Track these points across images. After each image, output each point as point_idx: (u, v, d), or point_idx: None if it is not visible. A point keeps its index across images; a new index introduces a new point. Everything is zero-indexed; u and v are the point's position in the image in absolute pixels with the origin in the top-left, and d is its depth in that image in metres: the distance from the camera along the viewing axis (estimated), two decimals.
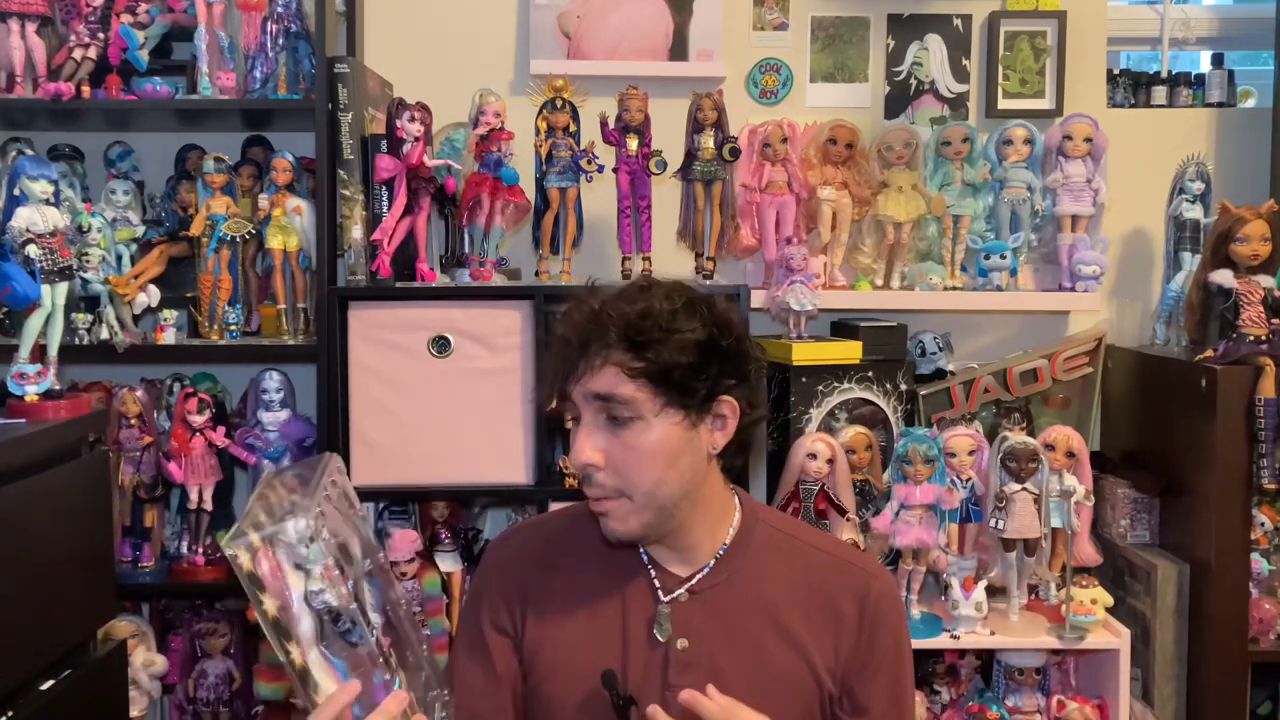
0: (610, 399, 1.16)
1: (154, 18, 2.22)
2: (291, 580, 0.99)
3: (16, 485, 1.50)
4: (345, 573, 1.04)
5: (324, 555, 1.02)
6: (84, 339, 2.08)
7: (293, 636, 0.96)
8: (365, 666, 1.04)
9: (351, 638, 1.02)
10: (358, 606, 1.04)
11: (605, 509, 1.19)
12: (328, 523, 1.05)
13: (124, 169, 2.37)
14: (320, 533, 1.02)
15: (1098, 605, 2.02)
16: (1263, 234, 2.04)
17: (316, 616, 1.00)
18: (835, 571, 1.27)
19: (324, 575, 1.01)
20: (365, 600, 1.08)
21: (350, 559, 1.09)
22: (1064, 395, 2.42)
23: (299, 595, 0.99)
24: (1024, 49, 2.50)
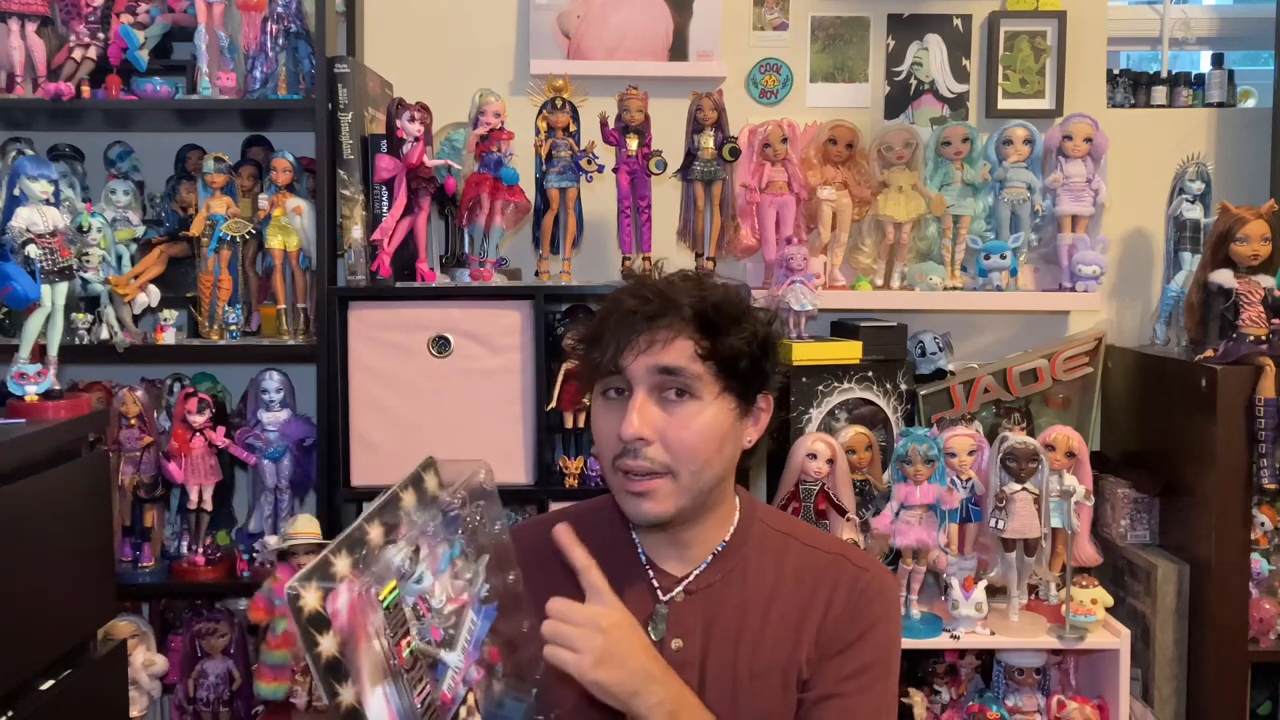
0: (676, 373, 1.17)
1: (154, 18, 2.22)
2: (372, 616, 0.88)
3: (16, 485, 1.50)
4: (431, 609, 0.95)
5: (421, 589, 0.94)
6: (84, 339, 2.08)
7: (348, 677, 0.85)
8: (432, 709, 0.93)
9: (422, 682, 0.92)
10: (439, 644, 0.95)
11: (647, 488, 1.18)
12: (431, 546, 0.97)
13: (124, 169, 2.38)
14: (416, 564, 0.94)
15: (1098, 605, 2.02)
16: (1263, 234, 2.04)
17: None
18: (829, 566, 1.27)
19: (415, 611, 0.93)
20: (462, 634, 0.98)
21: (457, 584, 1.00)
22: (1064, 395, 2.42)
23: (376, 629, 0.88)
24: (1024, 49, 2.50)
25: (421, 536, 0.97)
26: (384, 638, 0.87)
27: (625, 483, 1.19)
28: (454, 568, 1.00)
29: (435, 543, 0.99)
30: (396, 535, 0.94)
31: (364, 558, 0.89)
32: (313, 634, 0.83)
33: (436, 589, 0.96)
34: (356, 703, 0.84)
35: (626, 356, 1.18)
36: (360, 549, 0.90)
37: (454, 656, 0.96)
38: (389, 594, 0.89)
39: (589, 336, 1.24)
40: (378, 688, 0.87)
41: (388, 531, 0.94)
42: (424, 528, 0.98)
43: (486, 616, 1.02)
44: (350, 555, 0.89)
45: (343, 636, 0.84)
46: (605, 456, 1.21)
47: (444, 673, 0.95)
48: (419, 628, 0.92)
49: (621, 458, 1.18)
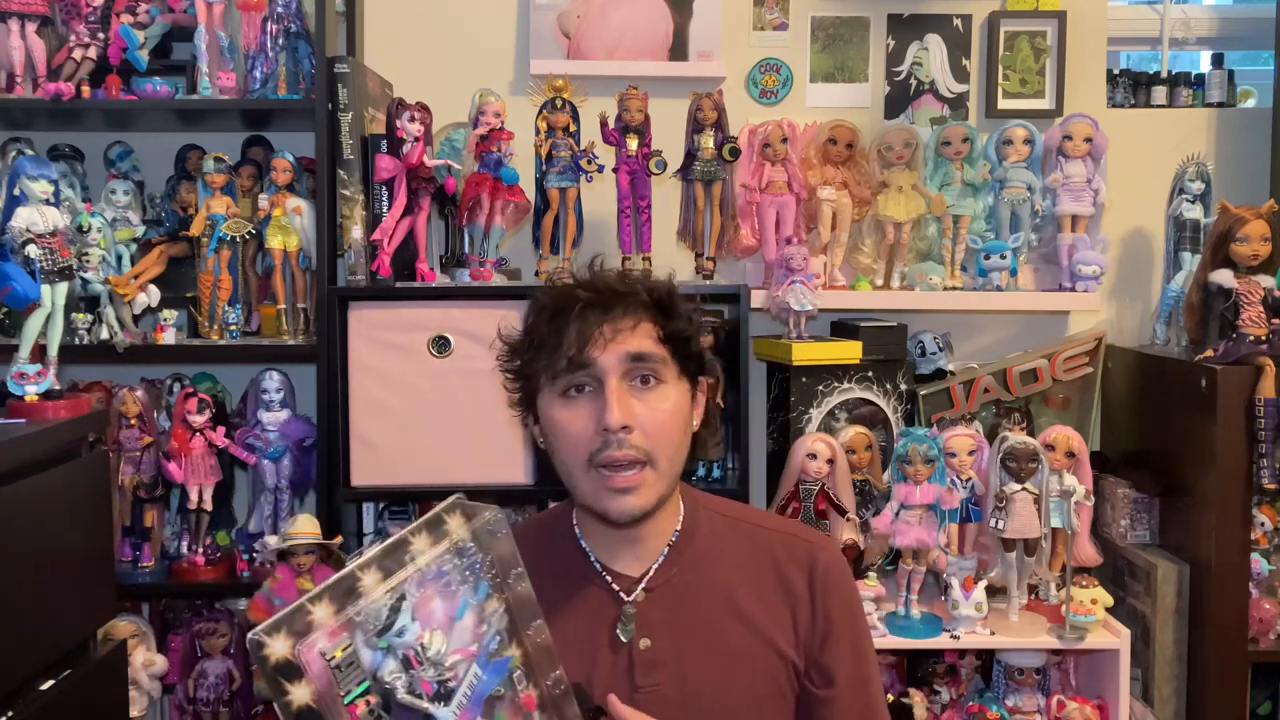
0: (646, 358, 1.18)
1: (154, 18, 2.22)
2: (363, 657, 0.88)
3: (16, 485, 1.50)
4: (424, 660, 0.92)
5: (404, 643, 0.91)
6: (84, 339, 2.08)
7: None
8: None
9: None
10: (435, 701, 0.92)
11: (634, 481, 1.17)
12: (420, 600, 0.93)
13: (124, 169, 2.38)
14: (397, 615, 0.92)
15: (1098, 605, 2.02)
16: (1263, 234, 2.04)
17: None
18: (782, 547, 1.28)
19: (401, 663, 0.91)
20: (462, 688, 0.94)
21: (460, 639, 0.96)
22: (1064, 395, 2.42)
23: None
24: (1024, 49, 2.50)
25: (429, 582, 0.94)
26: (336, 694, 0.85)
27: (606, 480, 1.17)
28: (477, 614, 0.97)
29: (450, 588, 0.96)
30: (396, 581, 0.92)
31: (348, 605, 0.88)
32: (281, 683, 0.83)
33: (436, 639, 0.93)
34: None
35: (593, 349, 1.17)
36: (347, 596, 0.88)
37: (446, 712, 0.92)
38: (343, 650, 0.87)
39: (534, 337, 1.22)
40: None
41: (386, 576, 0.92)
42: (433, 572, 0.95)
43: (495, 671, 0.97)
44: (333, 603, 0.88)
45: (319, 685, 0.84)
46: (578, 457, 1.19)
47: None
48: (406, 680, 0.91)
49: (602, 452, 1.17)
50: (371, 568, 0.91)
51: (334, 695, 0.85)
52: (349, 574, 0.90)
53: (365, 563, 0.92)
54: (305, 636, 0.85)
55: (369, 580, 0.91)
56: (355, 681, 0.88)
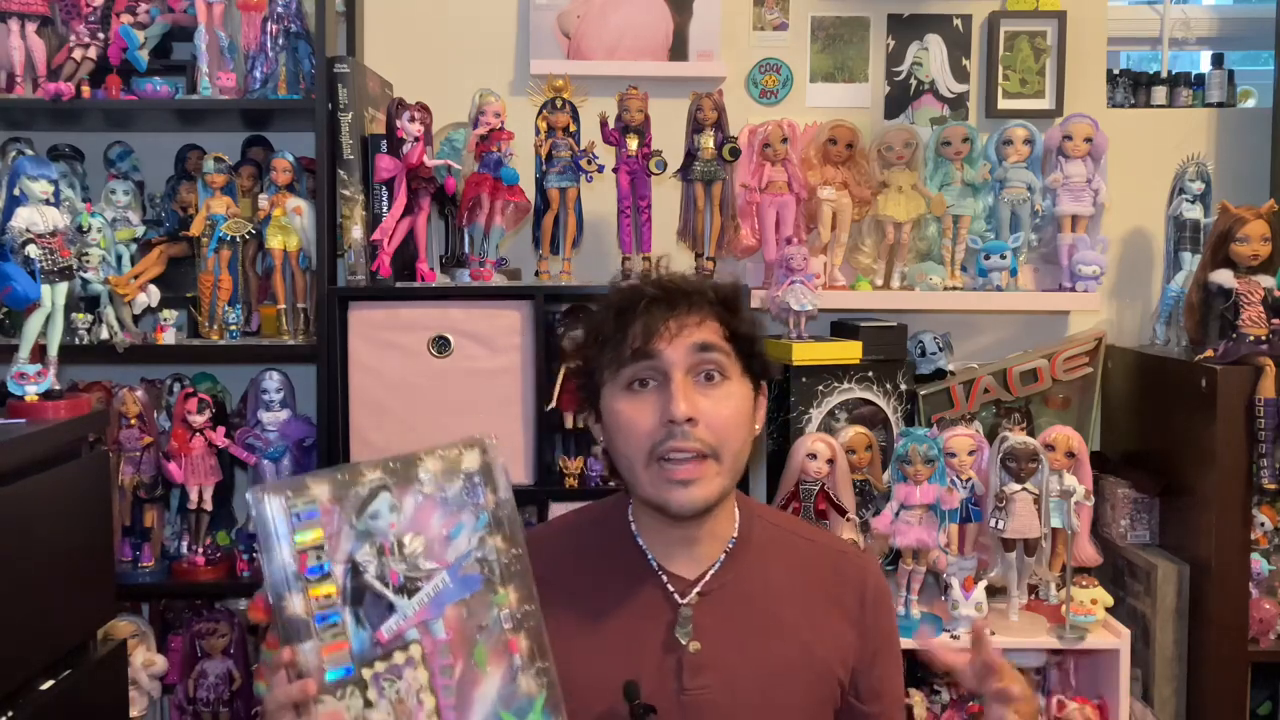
0: (711, 348, 1.19)
1: (154, 18, 2.22)
2: (343, 539, 0.99)
3: (16, 485, 1.50)
4: (401, 555, 1.02)
5: (384, 531, 1.01)
6: (84, 339, 2.08)
7: (294, 589, 0.96)
8: (382, 650, 1.01)
9: (375, 619, 1.00)
10: (398, 593, 1.02)
11: (696, 474, 1.17)
12: (404, 505, 1.04)
13: (124, 169, 2.38)
14: (376, 499, 1.02)
15: (1098, 605, 2.02)
16: (1263, 234, 2.04)
17: (351, 578, 0.99)
18: (833, 563, 1.31)
19: (375, 550, 1.01)
20: (427, 588, 1.04)
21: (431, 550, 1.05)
22: (1064, 395, 2.42)
23: (344, 553, 0.99)
24: (1024, 49, 2.50)
25: (431, 497, 1.05)
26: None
27: (668, 472, 1.18)
28: (470, 539, 1.07)
29: (450, 510, 1.06)
30: (396, 490, 1.04)
31: (345, 494, 1.00)
32: (267, 538, 0.97)
33: (417, 542, 1.04)
34: (295, 612, 0.96)
35: (659, 341, 1.18)
36: (346, 487, 1.01)
37: (406, 604, 1.02)
38: (314, 538, 0.99)
39: (600, 333, 1.23)
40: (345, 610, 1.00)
41: (392, 479, 1.04)
42: (435, 487, 1.06)
43: (464, 584, 1.06)
44: (332, 488, 1.00)
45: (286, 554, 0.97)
46: (640, 450, 1.19)
47: (390, 615, 1.01)
48: (378, 566, 1.01)
49: (665, 443, 1.17)
50: (377, 469, 1.03)
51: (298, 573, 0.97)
52: (354, 465, 1.03)
53: (372, 463, 1.03)
54: (303, 504, 0.99)
55: (371, 476, 1.03)
56: (321, 575, 0.99)
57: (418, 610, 1.03)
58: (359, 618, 0.99)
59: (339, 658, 0.98)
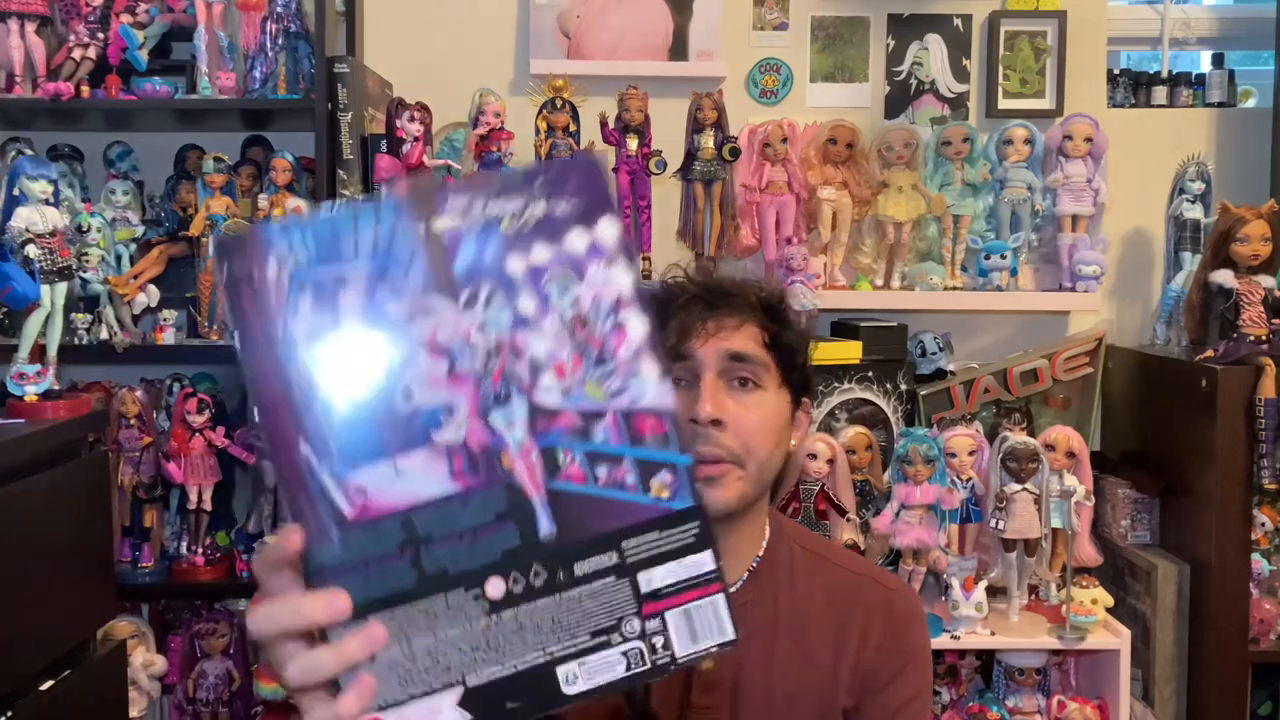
0: (746, 359, 1.16)
1: (153, 17, 2.22)
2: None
3: (16, 485, 1.50)
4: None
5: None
6: (83, 339, 2.08)
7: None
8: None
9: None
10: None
11: (719, 471, 1.14)
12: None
13: (123, 169, 2.37)
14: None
15: (1098, 605, 2.02)
16: (1263, 234, 2.04)
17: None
18: (862, 590, 1.24)
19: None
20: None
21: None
22: (1064, 395, 2.42)
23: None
24: (1024, 49, 2.50)
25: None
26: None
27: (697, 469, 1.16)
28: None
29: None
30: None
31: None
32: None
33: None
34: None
35: (694, 341, 1.15)
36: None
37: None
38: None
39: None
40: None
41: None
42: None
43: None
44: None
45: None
46: None
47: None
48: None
49: (690, 445, 1.15)
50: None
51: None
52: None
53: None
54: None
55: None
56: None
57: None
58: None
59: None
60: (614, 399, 0.71)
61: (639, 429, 0.70)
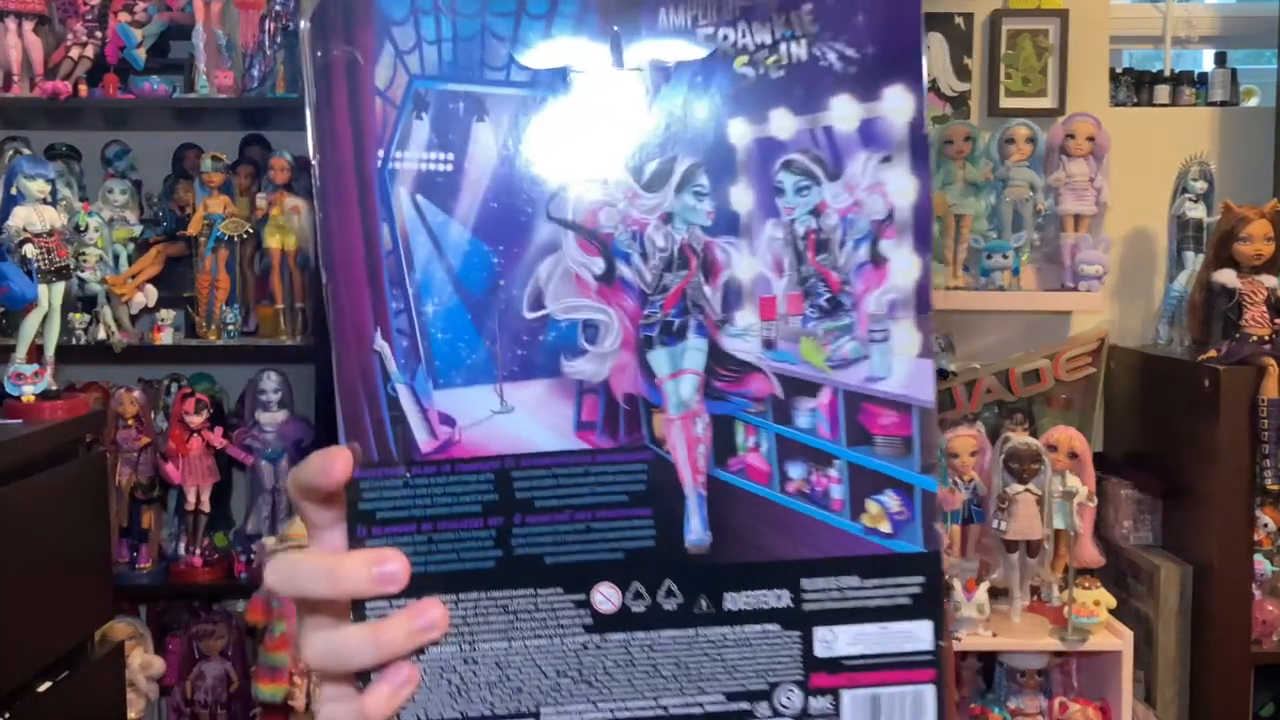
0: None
1: (151, 16, 2.21)
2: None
3: (13, 486, 1.49)
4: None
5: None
6: (81, 339, 2.07)
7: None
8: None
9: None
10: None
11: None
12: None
13: (121, 168, 2.36)
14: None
15: (1100, 607, 2.01)
16: (1266, 233, 2.03)
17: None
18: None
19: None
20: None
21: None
22: (1066, 396, 2.41)
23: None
24: (1026, 47, 2.49)
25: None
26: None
27: None
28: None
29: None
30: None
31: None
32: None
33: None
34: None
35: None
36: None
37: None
38: None
39: None
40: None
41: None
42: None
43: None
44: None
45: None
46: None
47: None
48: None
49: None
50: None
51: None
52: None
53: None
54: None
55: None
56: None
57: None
58: None
59: None
60: (840, 370, 0.48)
61: (868, 422, 0.48)
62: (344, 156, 0.47)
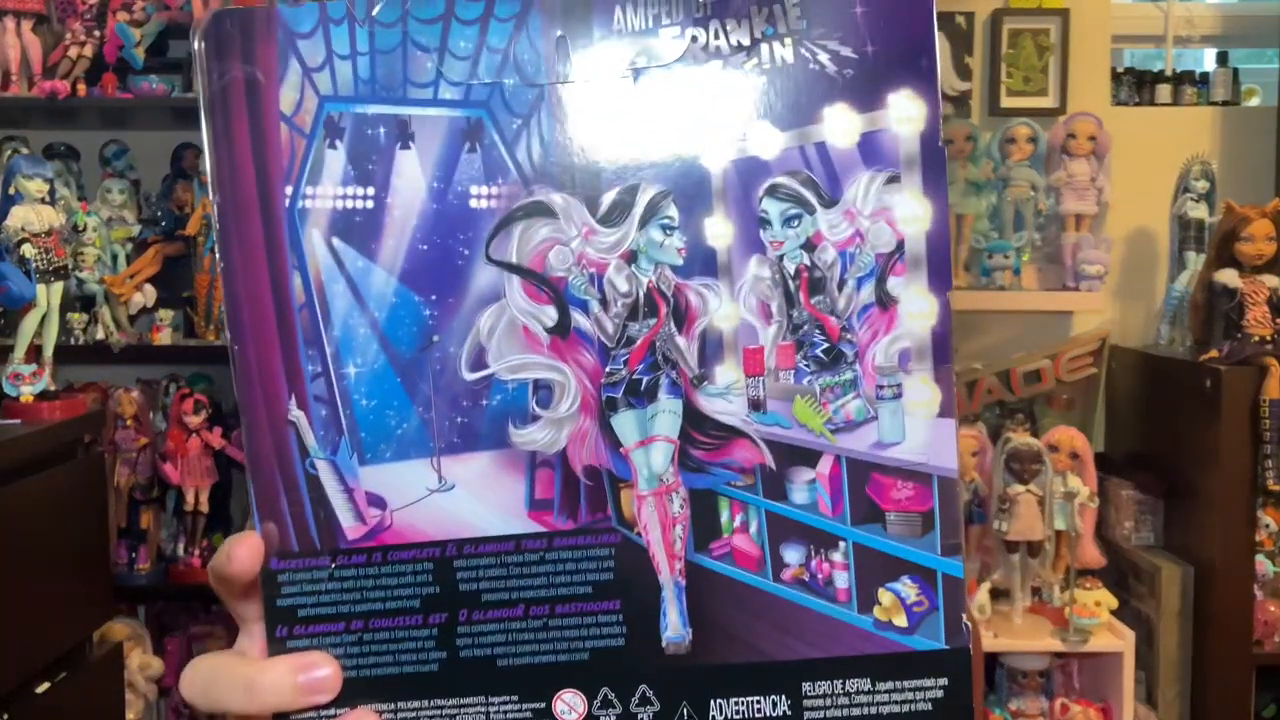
0: None
1: (150, 15, 2.20)
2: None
3: (12, 486, 1.49)
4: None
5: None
6: (79, 339, 2.07)
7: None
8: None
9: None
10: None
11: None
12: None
13: (120, 168, 2.36)
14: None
15: (1101, 607, 2.01)
16: (1268, 233, 2.03)
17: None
18: None
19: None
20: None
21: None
22: (1068, 396, 2.41)
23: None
24: (1027, 47, 2.49)
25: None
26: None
27: None
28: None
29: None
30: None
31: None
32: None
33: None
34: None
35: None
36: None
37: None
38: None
39: None
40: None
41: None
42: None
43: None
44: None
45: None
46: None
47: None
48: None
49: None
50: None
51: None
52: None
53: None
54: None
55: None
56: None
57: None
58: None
59: None
60: (843, 434, 0.40)
61: (878, 495, 0.40)
62: (246, 195, 0.41)
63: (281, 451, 0.41)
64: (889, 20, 0.38)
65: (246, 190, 0.40)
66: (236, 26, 0.39)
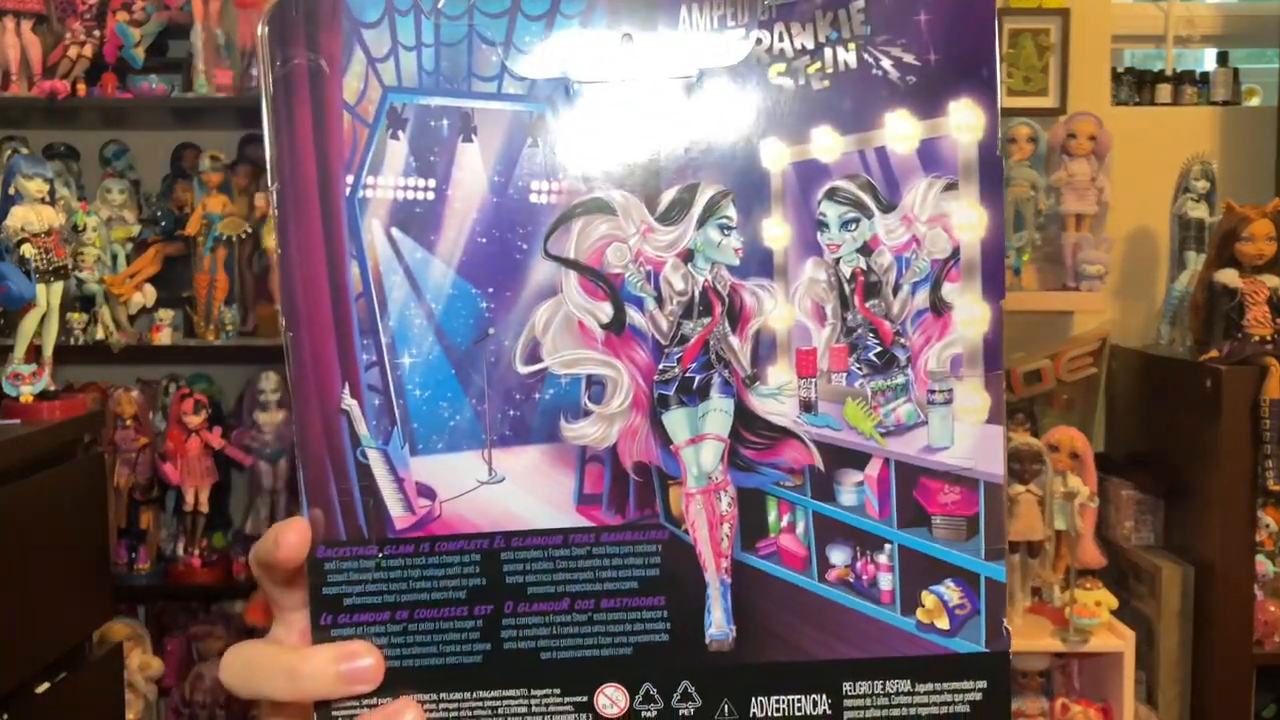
0: None
1: (150, 15, 2.20)
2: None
3: (11, 486, 1.49)
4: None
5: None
6: (79, 339, 2.07)
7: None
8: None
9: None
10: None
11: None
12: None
13: (119, 168, 2.36)
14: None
15: (1102, 607, 2.01)
16: (1268, 233, 2.03)
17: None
18: None
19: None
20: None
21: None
22: (1068, 396, 2.40)
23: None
24: (1027, 46, 2.49)
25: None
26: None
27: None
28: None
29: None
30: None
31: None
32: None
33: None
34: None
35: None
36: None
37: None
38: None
39: None
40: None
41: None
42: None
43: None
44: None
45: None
46: None
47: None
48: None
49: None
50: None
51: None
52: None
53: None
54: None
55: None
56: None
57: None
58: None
59: None
60: (892, 438, 0.41)
61: (925, 499, 0.41)
62: (307, 183, 0.40)
63: (332, 439, 0.41)
64: (951, 29, 0.39)
65: (307, 178, 0.40)
66: (301, 13, 0.39)
